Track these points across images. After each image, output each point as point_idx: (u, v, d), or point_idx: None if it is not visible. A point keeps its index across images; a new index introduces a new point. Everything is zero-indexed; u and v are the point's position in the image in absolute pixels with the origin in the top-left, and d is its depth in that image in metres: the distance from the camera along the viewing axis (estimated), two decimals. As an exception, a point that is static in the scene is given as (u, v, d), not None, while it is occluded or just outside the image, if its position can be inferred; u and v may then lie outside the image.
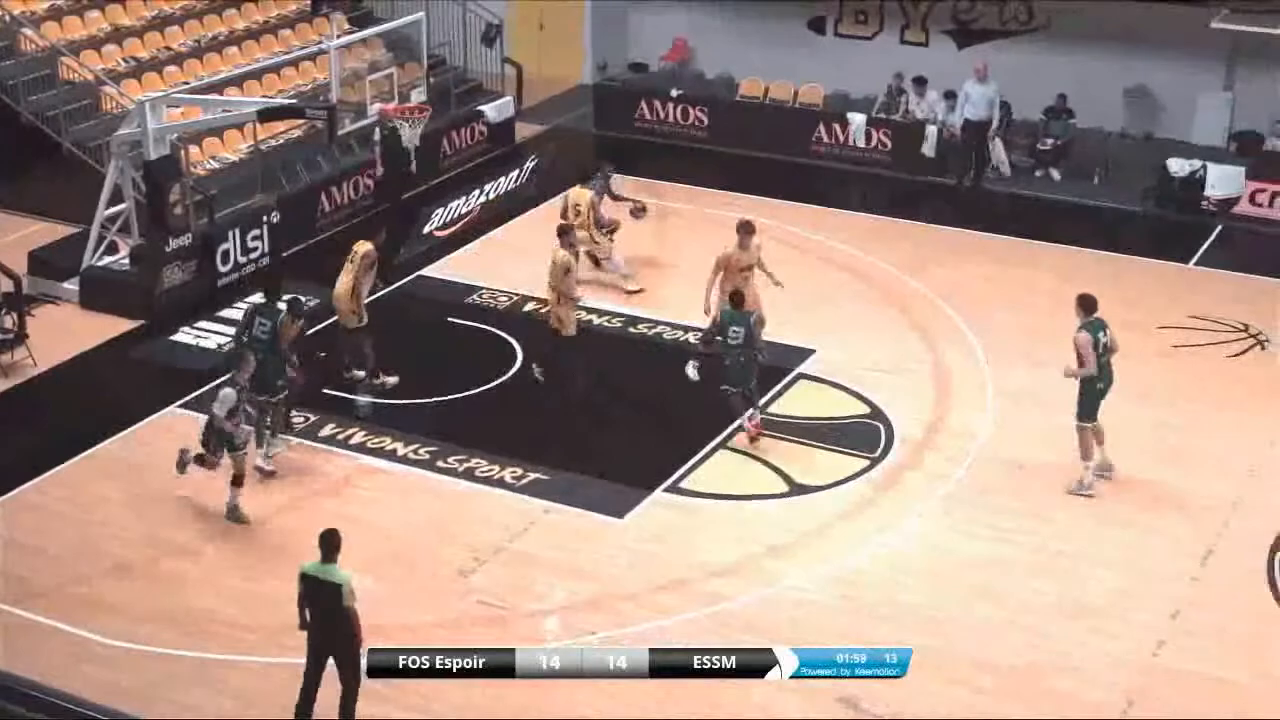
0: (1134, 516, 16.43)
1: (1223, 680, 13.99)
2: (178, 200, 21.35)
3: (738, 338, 17.51)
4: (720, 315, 18.10)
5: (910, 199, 25.59)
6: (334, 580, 12.59)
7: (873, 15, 28.66)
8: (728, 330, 17.66)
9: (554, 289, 18.86)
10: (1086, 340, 16.66)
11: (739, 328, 17.54)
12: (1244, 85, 26.18)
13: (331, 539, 12.76)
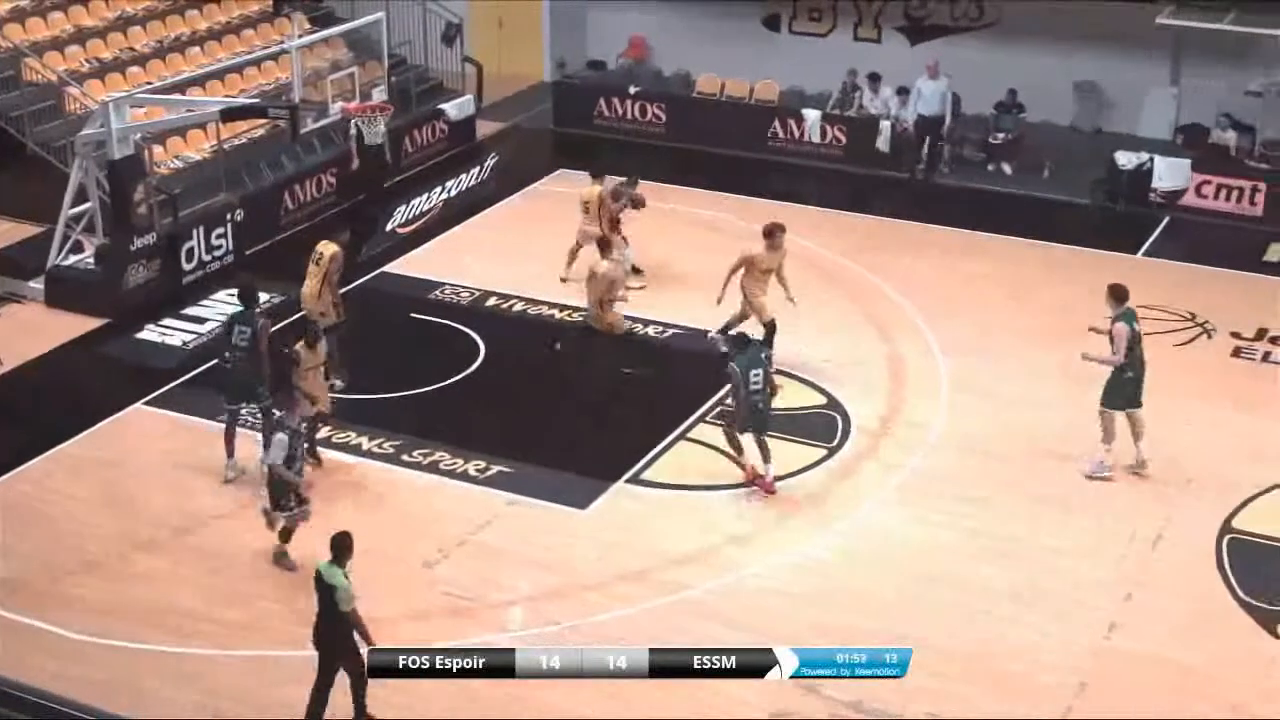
0: (1085, 502, 16.51)
1: (1173, 661, 14.07)
2: (142, 199, 21.26)
3: (759, 381, 16.43)
4: (737, 363, 16.58)
5: (864, 193, 25.65)
6: (331, 583, 12.54)
7: (826, 13, 28.77)
8: (749, 376, 16.41)
9: (599, 300, 18.69)
10: (1124, 331, 16.62)
11: (758, 370, 16.46)
12: (1190, 80, 26.35)
13: (341, 541, 12.70)
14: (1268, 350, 19.89)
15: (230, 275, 21.98)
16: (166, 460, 17.46)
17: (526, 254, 22.58)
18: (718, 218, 24.15)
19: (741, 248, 19.46)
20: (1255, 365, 19.59)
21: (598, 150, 26.82)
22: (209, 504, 16.51)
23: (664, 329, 20.34)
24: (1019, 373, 19.32)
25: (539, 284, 21.53)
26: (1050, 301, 21.27)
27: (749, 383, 16.36)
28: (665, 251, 22.79)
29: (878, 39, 28.44)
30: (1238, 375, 19.29)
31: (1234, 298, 21.23)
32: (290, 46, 23.08)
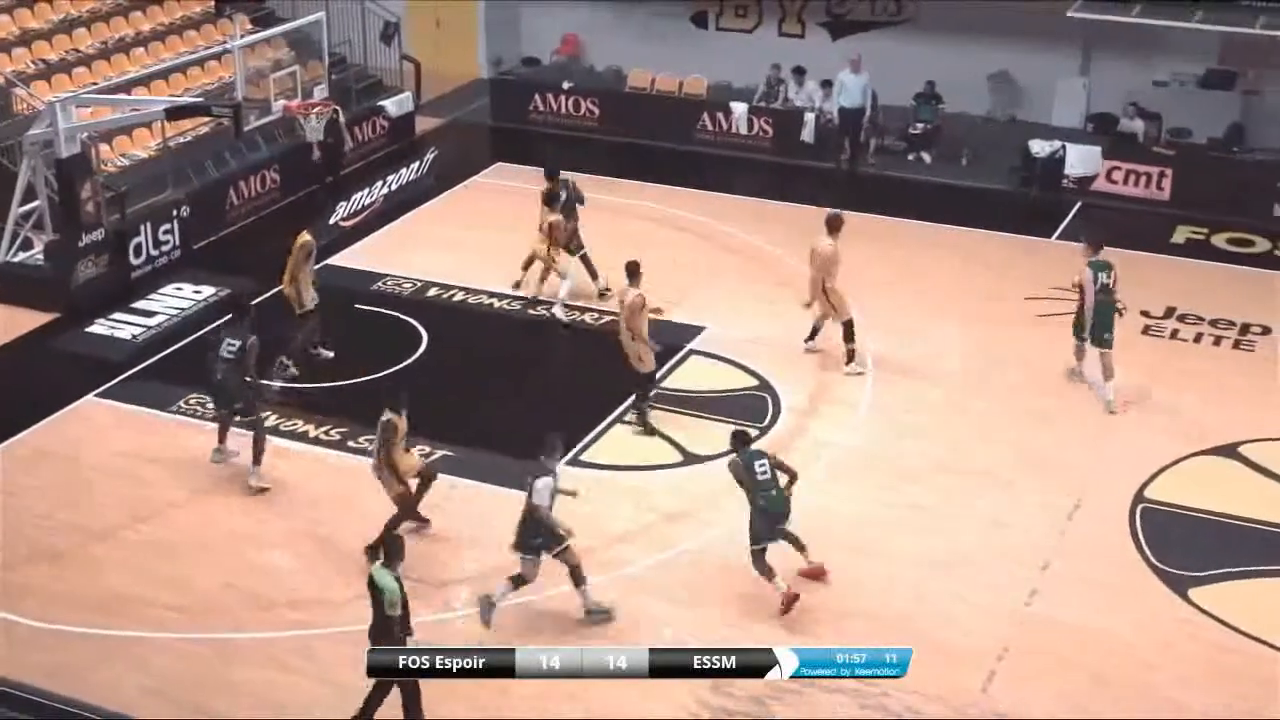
0: (1005, 476, 16.64)
1: (1090, 626, 14.22)
2: (89, 197, 21.05)
3: (765, 472, 14.34)
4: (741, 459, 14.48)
5: (791, 182, 25.71)
6: (379, 585, 12.21)
7: (752, 9, 28.79)
8: (754, 467, 14.33)
9: (627, 328, 17.42)
10: (1089, 277, 17.89)
11: (763, 462, 14.40)
12: (1099, 70, 26.57)
13: (391, 544, 12.51)
14: (1175, 328, 20.11)
15: (177, 270, 21.86)
16: (118, 450, 17.29)
17: (466, 245, 22.51)
18: (651, 208, 24.16)
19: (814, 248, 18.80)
20: (1164, 342, 19.80)
21: (533, 144, 26.82)
22: (160, 493, 16.38)
23: (600, 315, 20.32)
24: (941, 352, 19.44)
25: (478, 274, 21.46)
26: (969, 284, 21.42)
27: (757, 477, 14.24)
28: (601, 241, 22.77)
29: (801, 34, 28.51)
30: (1147, 352, 19.48)
31: (1143, 278, 21.41)
32: (232, 46, 22.90)
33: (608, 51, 29.43)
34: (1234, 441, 17.24)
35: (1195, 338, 19.87)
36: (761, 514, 14.21)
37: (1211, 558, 15.20)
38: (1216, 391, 18.43)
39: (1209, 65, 25.83)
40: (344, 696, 12.98)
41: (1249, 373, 18.98)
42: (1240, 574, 15.02)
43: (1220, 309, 20.52)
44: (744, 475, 14.25)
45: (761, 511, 14.20)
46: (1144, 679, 13.54)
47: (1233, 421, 17.64)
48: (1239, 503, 16.10)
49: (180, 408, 18.06)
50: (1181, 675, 13.59)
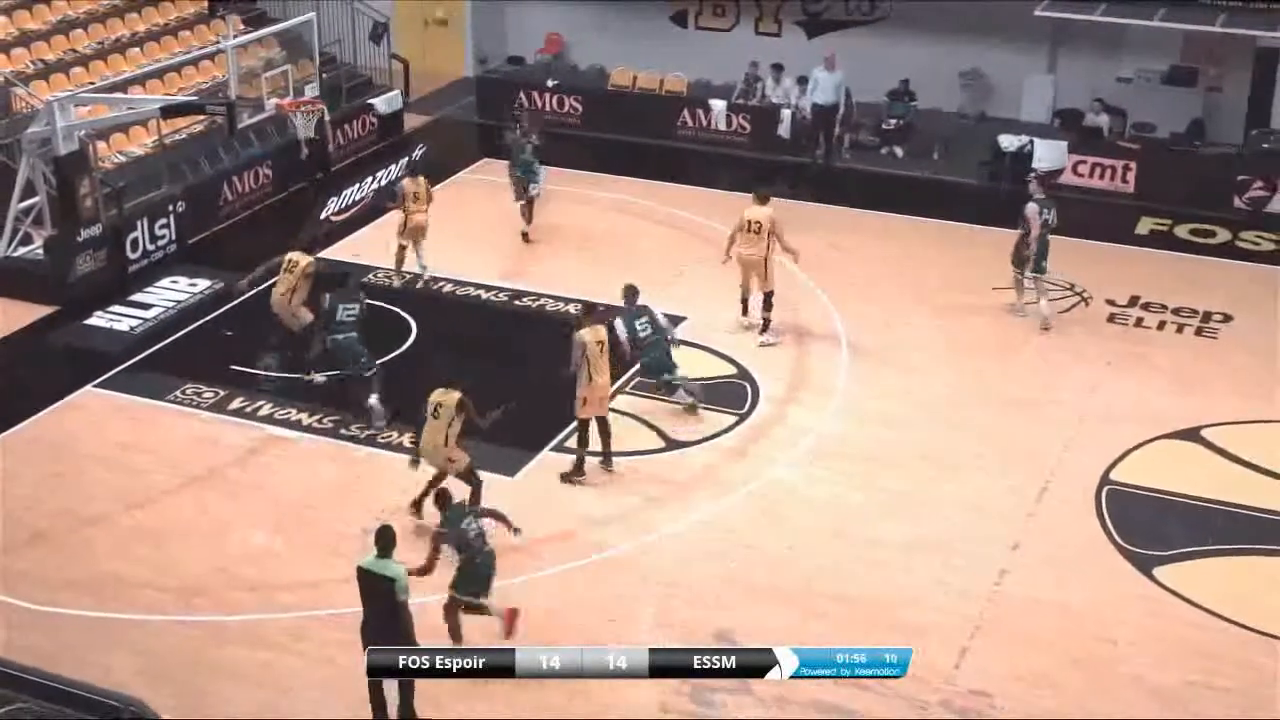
0: (975, 460, 16.61)
1: (1058, 603, 14.21)
2: (87, 193, 20.92)
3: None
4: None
5: (769, 177, 25.61)
6: (388, 574, 11.83)
7: (729, 9, 28.71)
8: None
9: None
10: (1034, 210, 19.34)
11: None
12: (1066, 67, 26.54)
13: (386, 534, 12.03)
14: (1139, 316, 20.09)
15: (173, 263, 21.74)
16: (116, 439, 17.19)
17: (454, 238, 22.37)
18: (634, 202, 24.09)
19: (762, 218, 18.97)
20: (1128, 330, 19.78)
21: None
22: (156, 480, 16.27)
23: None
24: (913, 341, 19.40)
25: (465, 266, 21.36)
26: (940, 275, 21.37)
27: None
28: (584, 235, 22.75)
29: (778, 33, 28.43)
30: (1112, 339, 19.47)
31: (1108, 268, 21.42)
32: (225, 46, 22.77)
33: (590, 50, 29.33)
34: (1196, 425, 17.24)
35: (1159, 325, 19.86)
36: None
37: (1175, 538, 15.21)
38: (1179, 377, 18.43)
39: (1172, 62, 25.81)
40: (336, 676, 12.95)
41: (1210, 359, 18.98)
42: (1203, 553, 15.03)
43: (1182, 298, 20.50)
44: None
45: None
46: (1110, 654, 13.52)
47: (1195, 406, 17.64)
48: (1201, 484, 16.10)
49: (176, 397, 17.95)
50: (1147, 650, 13.59)
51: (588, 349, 15.61)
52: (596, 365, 15.69)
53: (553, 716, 12.57)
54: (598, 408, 15.99)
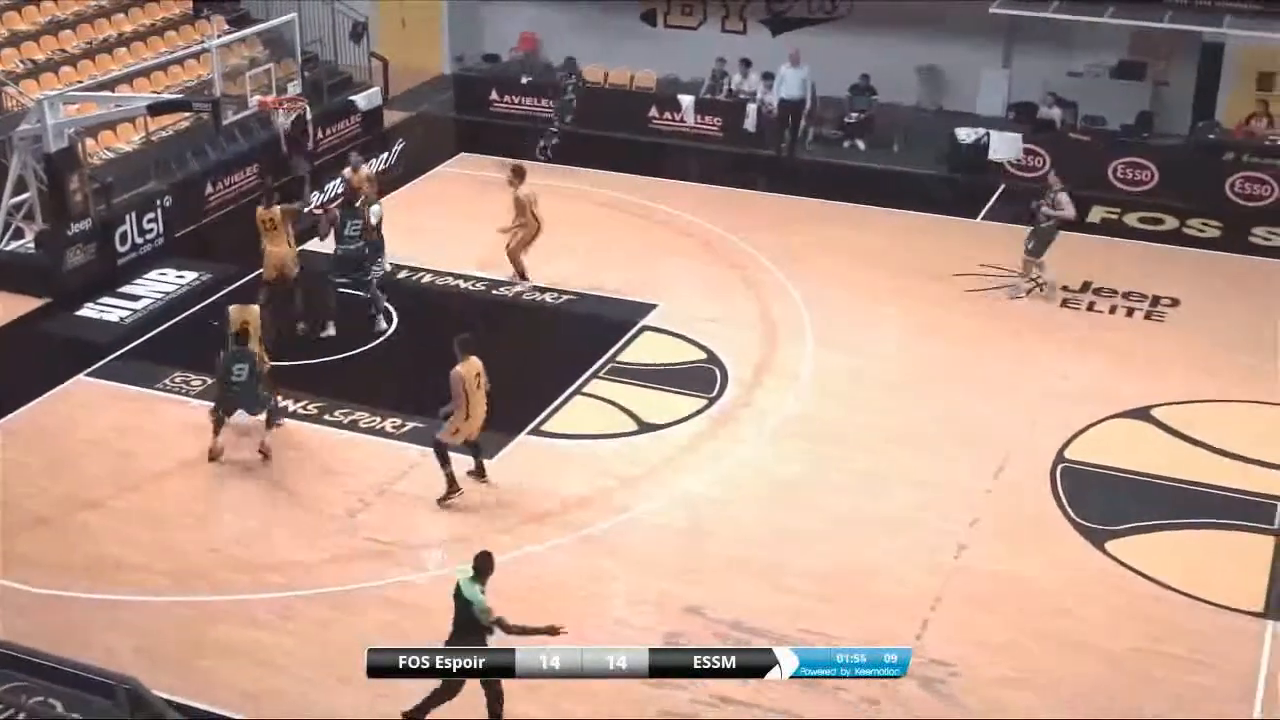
0: (936, 441, 16.71)
1: (1015, 577, 14.34)
2: (77, 189, 20.86)
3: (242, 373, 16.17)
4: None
5: (735, 169, 25.72)
6: (469, 598, 11.37)
7: (696, 8, 28.77)
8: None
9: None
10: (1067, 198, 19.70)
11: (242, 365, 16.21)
12: (1019, 62, 26.67)
13: (484, 562, 11.57)
14: (1091, 300, 20.24)
15: (161, 256, 21.69)
16: (108, 426, 17.17)
17: (433, 231, 22.40)
18: (606, 194, 24.13)
19: (531, 196, 20.18)
20: (1081, 314, 19.92)
21: (494, 135, 26.74)
22: (148, 465, 16.26)
23: (559, 295, 20.30)
24: (876, 326, 19.51)
25: (444, 258, 21.38)
26: (901, 261, 21.48)
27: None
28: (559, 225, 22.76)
29: (743, 31, 28.49)
30: (1066, 323, 19.61)
31: (1062, 254, 21.52)
32: (210, 45, 22.71)
33: (563, 48, 29.32)
34: (1146, 405, 17.39)
35: (1110, 309, 20.02)
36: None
37: (1126, 512, 15.34)
38: (1130, 359, 18.58)
39: (1121, 57, 25.97)
40: (323, 652, 13.00)
41: (1159, 341, 19.14)
42: (1152, 527, 15.18)
43: (1132, 283, 20.67)
44: None
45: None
46: (1064, 624, 13.65)
47: (1145, 386, 17.80)
48: (1151, 461, 16.25)
49: (166, 385, 17.92)
50: (1098, 620, 13.72)
51: (465, 383, 15.13)
52: (474, 399, 15.17)
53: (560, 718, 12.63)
54: (469, 436, 15.49)
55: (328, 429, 17.01)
